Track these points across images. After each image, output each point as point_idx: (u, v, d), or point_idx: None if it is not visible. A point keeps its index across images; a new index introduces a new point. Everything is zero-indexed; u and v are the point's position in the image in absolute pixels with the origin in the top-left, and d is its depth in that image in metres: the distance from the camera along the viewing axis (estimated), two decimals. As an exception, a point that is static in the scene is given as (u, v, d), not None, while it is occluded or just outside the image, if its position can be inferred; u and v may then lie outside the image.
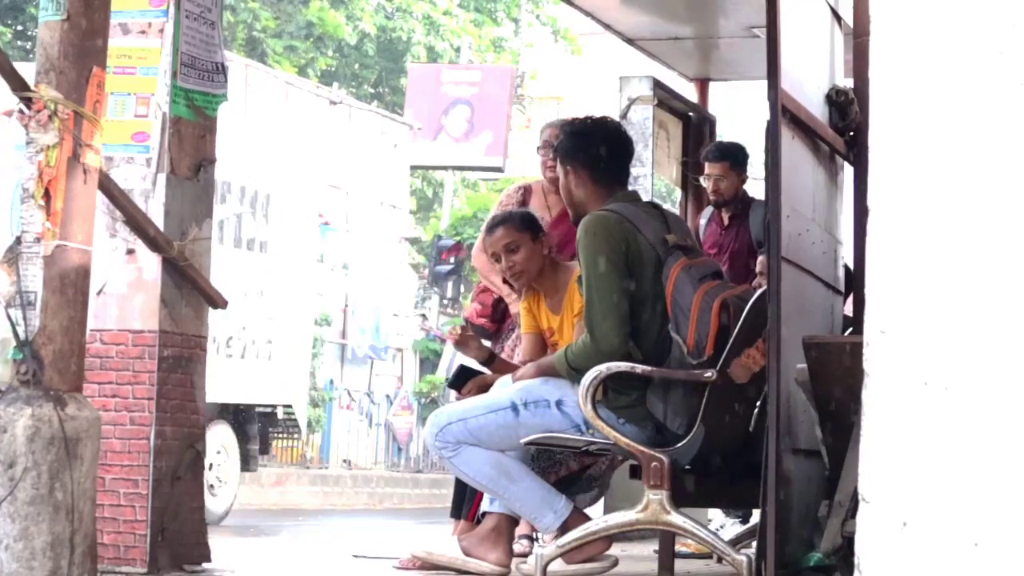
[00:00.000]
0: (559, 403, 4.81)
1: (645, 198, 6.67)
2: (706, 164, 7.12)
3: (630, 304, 4.72)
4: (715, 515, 7.84)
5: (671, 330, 4.67)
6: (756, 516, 5.93)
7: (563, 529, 4.88)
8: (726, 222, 7.17)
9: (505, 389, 4.98)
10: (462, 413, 4.95)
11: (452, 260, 27.70)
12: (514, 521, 5.19)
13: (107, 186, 5.20)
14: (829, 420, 4.76)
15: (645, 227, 4.78)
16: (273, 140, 15.77)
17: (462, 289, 28.56)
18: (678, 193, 8.21)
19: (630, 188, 5.13)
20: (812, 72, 5.40)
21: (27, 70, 4.63)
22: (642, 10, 7.38)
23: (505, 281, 5.67)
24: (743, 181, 7.21)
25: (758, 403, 4.76)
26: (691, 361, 4.61)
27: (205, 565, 5.57)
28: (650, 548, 6.41)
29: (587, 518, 4.93)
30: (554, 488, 5.03)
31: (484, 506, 5.23)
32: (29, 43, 24.46)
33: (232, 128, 7.82)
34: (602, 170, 4.94)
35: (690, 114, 7.89)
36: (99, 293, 5.38)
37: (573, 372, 4.75)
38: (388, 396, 25.75)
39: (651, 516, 4.65)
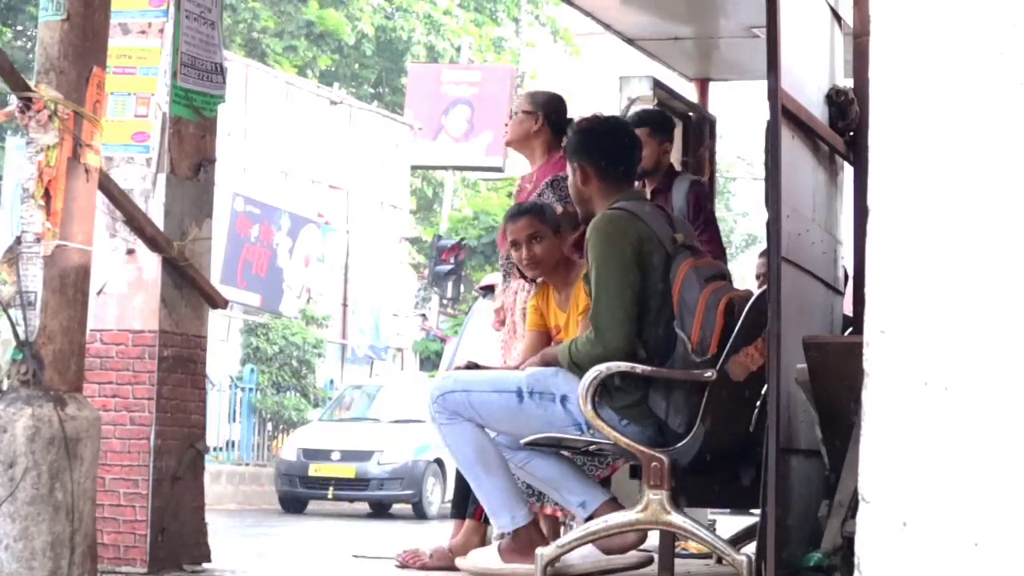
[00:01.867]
0: (564, 399, 4.81)
1: (645, 198, 6.68)
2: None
3: (637, 302, 4.71)
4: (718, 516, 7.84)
5: (676, 327, 4.67)
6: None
7: (591, 519, 4.87)
8: (647, 195, 6.93)
9: (515, 372, 4.97)
10: (467, 384, 4.93)
11: (452, 260, 27.70)
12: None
13: (107, 186, 5.20)
14: (829, 420, 4.76)
15: (655, 225, 4.78)
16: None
17: (462, 289, 28.57)
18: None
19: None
20: (812, 72, 5.40)
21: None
22: (642, 10, 7.38)
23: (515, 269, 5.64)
24: (665, 151, 6.91)
25: (758, 403, 4.76)
26: (695, 359, 4.61)
27: (205, 565, 5.57)
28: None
29: (619, 507, 4.91)
30: (524, 495, 5.05)
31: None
32: (29, 43, 24.48)
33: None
34: (608, 169, 4.94)
35: (690, 114, 7.88)
36: (99, 293, 5.39)
37: (575, 367, 4.75)
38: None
39: (651, 516, 4.64)
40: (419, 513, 18.15)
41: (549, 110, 5.88)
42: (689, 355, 4.63)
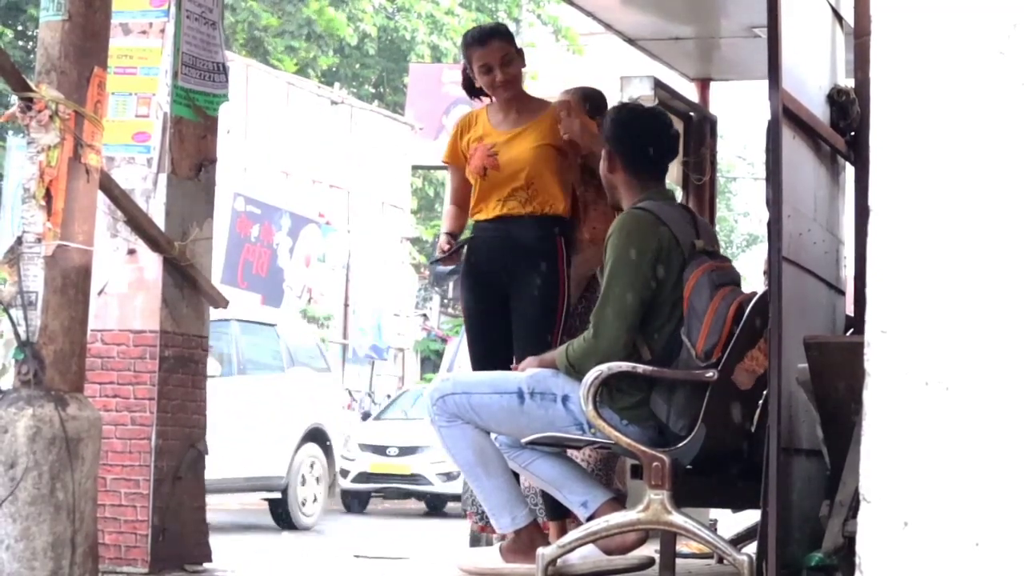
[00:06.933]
0: (565, 399, 4.81)
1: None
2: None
3: (650, 304, 4.71)
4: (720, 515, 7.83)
5: (682, 333, 4.66)
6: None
7: (593, 519, 4.87)
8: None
9: (514, 374, 4.96)
10: (467, 386, 4.92)
11: (452, 260, 27.64)
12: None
13: (108, 186, 5.20)
14: (830, 420, 4.76)
15: (678, 229, 4.76)
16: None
17: (463, 289, 28.54)
18: (679, 193, 8.21)
19: None
20: (813, 72, 5.39)
21: None
22: (643, 10, 7.38)
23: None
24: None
25: (759, 403, 4.76)
26: (699, 363, 4.61)
27: (206, 565, 5.57)
28: (651, 548, 6.41)
29: (621, 507, 4.91)
30: (523, 497, 5.05)
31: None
32: (29, 43, 24.48)
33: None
34: (641, 163, 4.91)
35: (691, 114, 7.88)
36: (100, 293, 5.39)
37: (572, 369, 4.75)
38: (389, 396, 25.75)
39: (652, 516, 4.65)
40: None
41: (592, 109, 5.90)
42: (692, 360, 4.63)
